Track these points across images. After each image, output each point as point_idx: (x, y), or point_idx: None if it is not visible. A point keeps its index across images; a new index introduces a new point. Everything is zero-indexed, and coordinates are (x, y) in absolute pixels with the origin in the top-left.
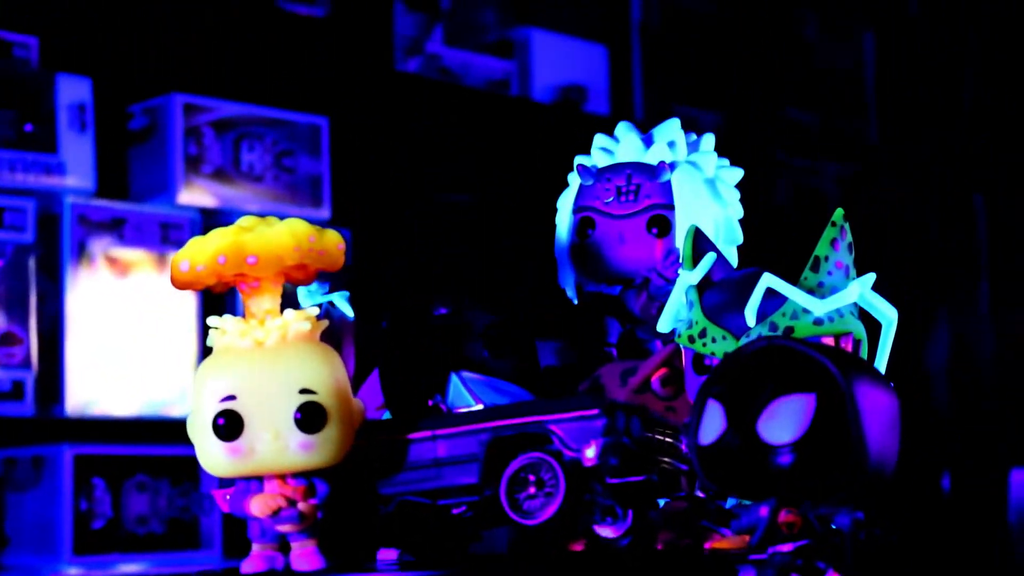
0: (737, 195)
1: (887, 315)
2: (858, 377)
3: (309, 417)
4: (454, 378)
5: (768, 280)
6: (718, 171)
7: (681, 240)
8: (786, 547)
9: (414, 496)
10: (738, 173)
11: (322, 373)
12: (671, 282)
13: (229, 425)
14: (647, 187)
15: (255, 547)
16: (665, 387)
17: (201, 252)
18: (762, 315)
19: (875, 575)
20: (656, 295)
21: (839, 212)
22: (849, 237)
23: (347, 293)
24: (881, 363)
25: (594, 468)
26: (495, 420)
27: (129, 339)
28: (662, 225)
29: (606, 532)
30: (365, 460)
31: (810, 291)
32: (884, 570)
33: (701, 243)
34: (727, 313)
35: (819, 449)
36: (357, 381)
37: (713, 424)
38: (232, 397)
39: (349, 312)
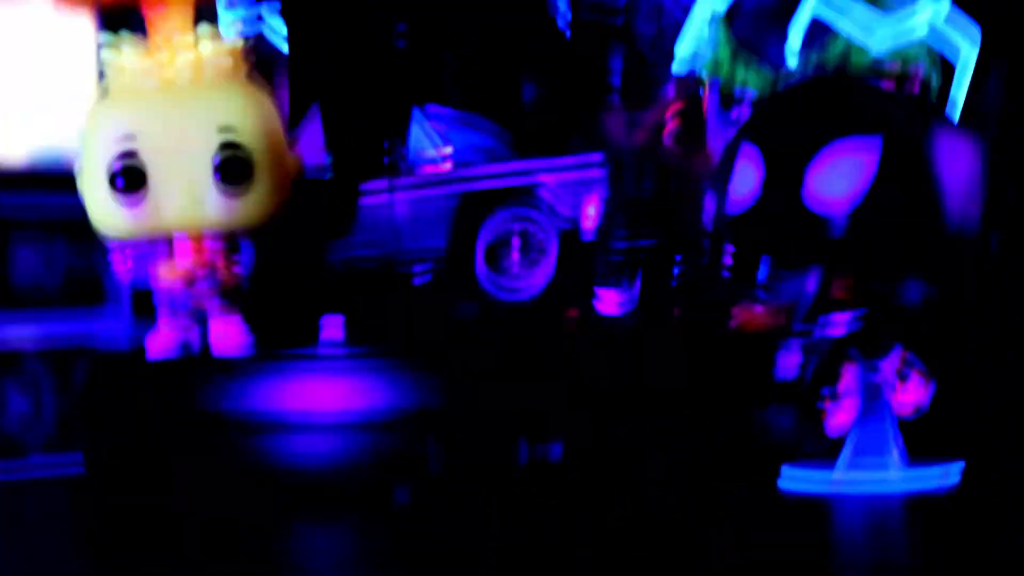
0: None
1: (965, 42)
2: (933, 119)
3: (231, 164)
4: (416, 115)
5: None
6: None
7: None
8: (838, 322)
9: (365, 262)
10: None
11: (246, 112)
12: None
13: (128, 175)
14: None
15: (163, 321)
16: (680, 143)
17: None
18: (805, 52)
19: (953, 358)
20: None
21: None
22: None
23: (279, 4)
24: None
25: (596, 232)
26: (468, 171)
27: (15, 76)
28: None
29: (608, 300)
30: (303, 218)
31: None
32: (965, 353)
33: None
34: (761, 44)
35: (884, 210)
36: (293, 124)
37: (748, 176)
38: (131, 138)
39: (282, 35)
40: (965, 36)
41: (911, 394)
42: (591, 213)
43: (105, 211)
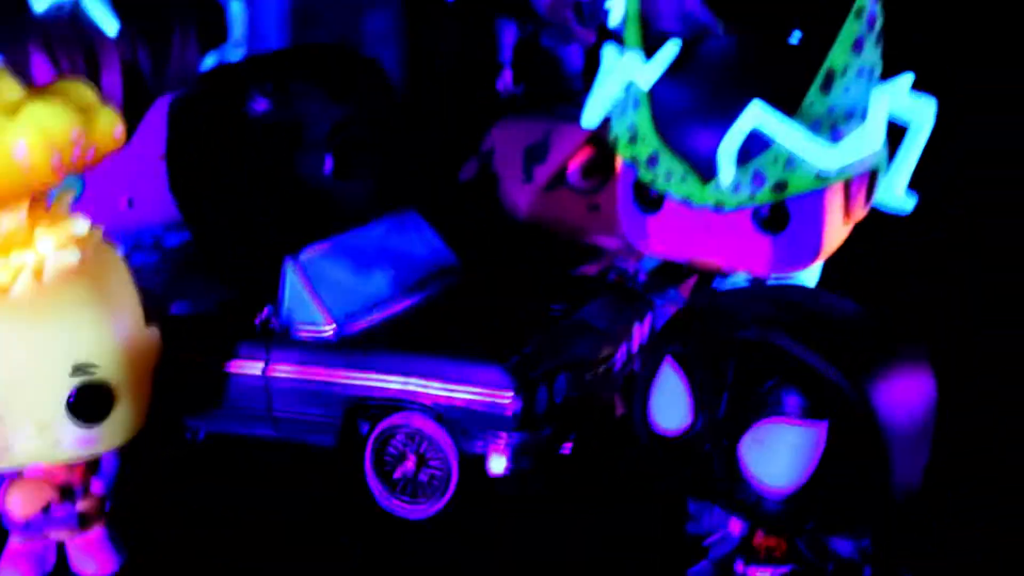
0: None
1: (921, 115)
2: (885, 383)
3: (88, 403)
4: (290, 271)
5: (756, 115)
6: None
7: None
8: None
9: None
10: None
11: (102, 337)
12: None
13: None
14: None
15: (15, 540)
16: (587, 177)
17: None
18: (744, 154)
19: None
20: None
21: None
22: (879, 20)
23: None
24: (903, 175)
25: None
26: (358, 377)
27: None
28: None
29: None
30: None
31: (817, 121)
32: None
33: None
34: (689, 128)
35: (826, 493)
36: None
37: (674, 406)
38: None
39: (109, 23)
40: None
41: None
42: (498, 470)
43: None
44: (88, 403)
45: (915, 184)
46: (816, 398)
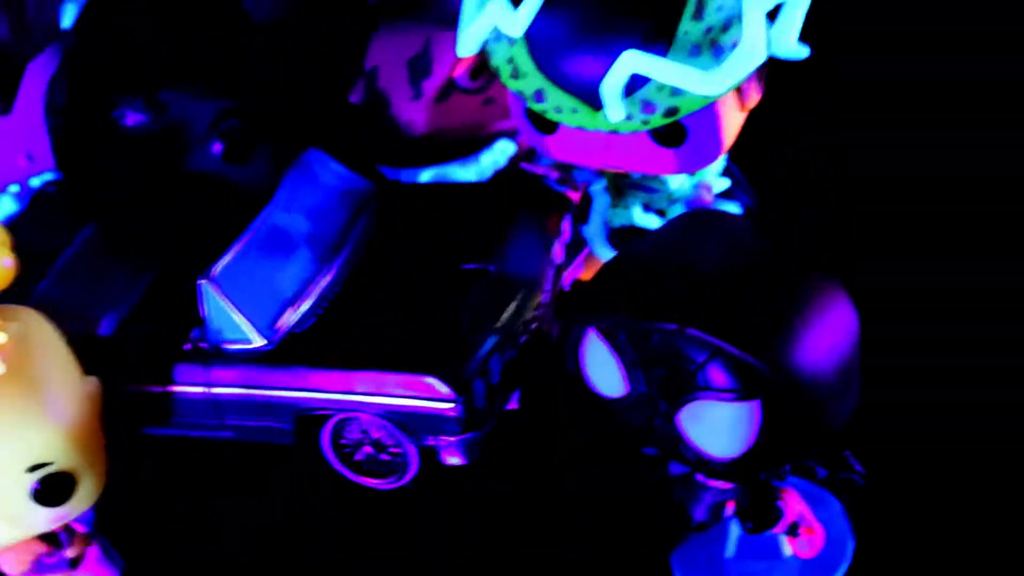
0: None
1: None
2: (813, 360)
3: (52, 491)
4: (207, 291)
5: (631, 62)
6: None
7: None
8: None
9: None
10: None
11: (48, 429)
12: None
13: None
14: None
15: None
16: (475, 78)
17: None
18: (629, 88)
19: None
20: None
21: None
22: None
23: None
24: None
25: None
26: (300, 393)
27: None
28: None
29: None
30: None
31: (695, 46)
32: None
33: None
34: (571, 62)
35: (769, 457)
36: None
37: (609, 374)
38: None
39: None
40: None
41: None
42: (454, 462)
43: None
44: (52, 491)
45: None
46: (743, 377)
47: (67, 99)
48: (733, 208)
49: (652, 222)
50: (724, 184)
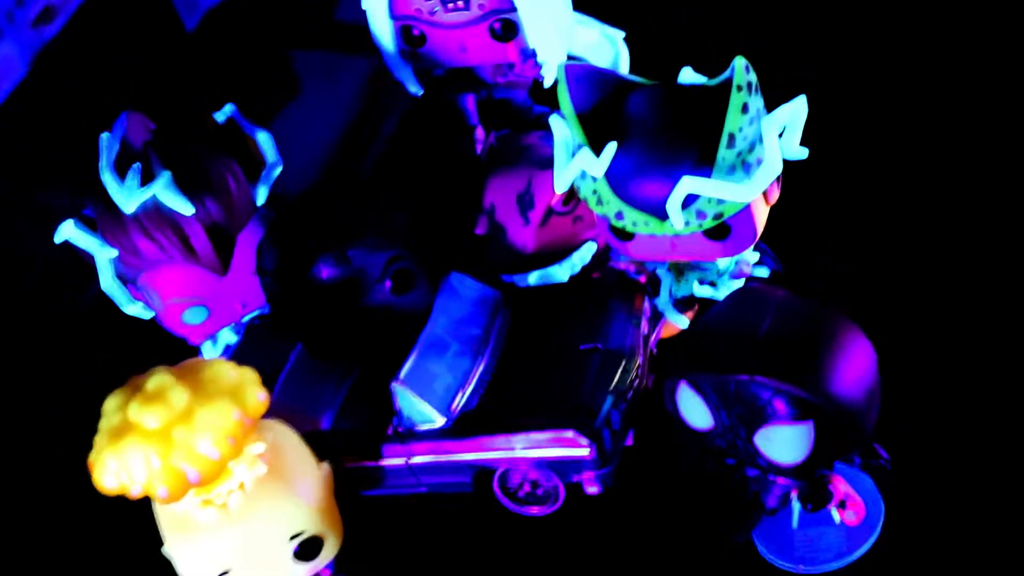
0: None
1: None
2: (848, 387)
3: (307, 551)
4: (399, 390)
5: (687, 186)
6: None
7: (533, 36)
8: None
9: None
10: None
11: (302, 509)
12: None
13: None
14: None
15: None
16: (566, 204)
17: (131, 485)
18: (686, 202)
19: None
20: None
21: (740, 66)
22: (754, 80)
23: (168, 175)
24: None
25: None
26: (476, 455)
27: None
28: (507, 28)
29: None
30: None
31: (731, 167)
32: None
33: (581, 84)
34: (640, 188)
35: (822, 458)
36: None
37: (699, 411)
38: (226, 573)
39: (184, 206)
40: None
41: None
42: (593, 491)
43: None
44: (307, 551)
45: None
46: (800, 407)
47: (273, 263)
48: (763, 272)
49: (707, 291)
50: (755, 256)
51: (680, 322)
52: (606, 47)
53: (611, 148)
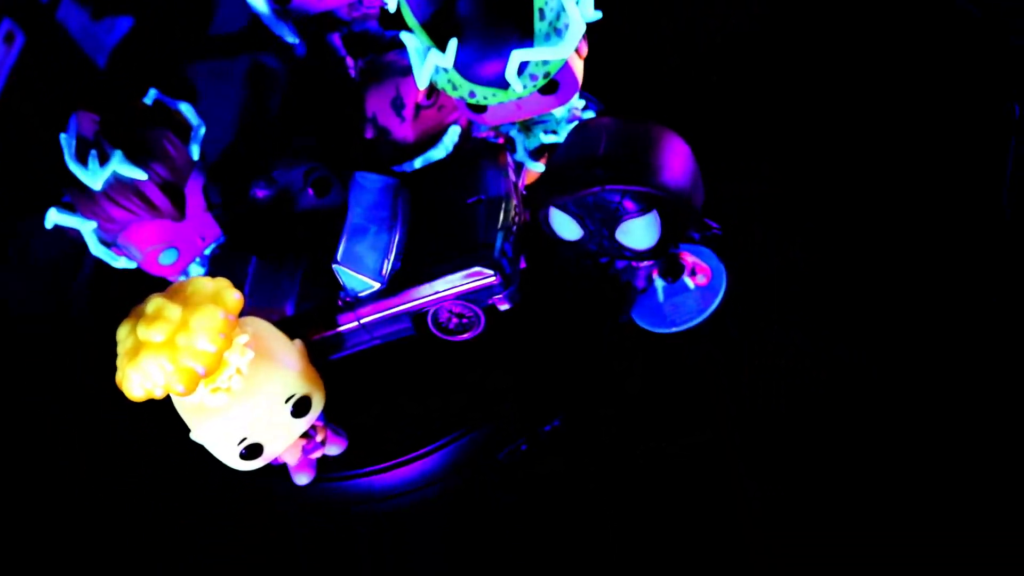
0: None
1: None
2: (676, 176)
3: (301, 408)
4: (339, 269)
5: (518, 55)
6: None
7: None
8: (646, 263)
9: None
10: None
11: (290, 376)
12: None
13: (252, 453)
14: None
15: (291, 462)
16: (430, 97)
17: (154, 389)
18: (520, 69)
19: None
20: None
21: None
22: None
23: (119, 153)
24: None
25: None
26: (410, 304)
27: None
28: None
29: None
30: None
31: (546, 35)
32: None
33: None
34: (481, 68)
35: (671, 237)
36: None
37: (570, 227)
38: (244, 439)
39: (138, 173)
40: None
41: (702, 278)
42: (504, 309)
43: (235, 463)
44: (301, 408)
45: None
46: (644, 200)
47: (219, 197)
48: (590, 114)
49: (551, 138)
50: (582, 103)
51: (537, 167)
52: None
53: (453, 44)
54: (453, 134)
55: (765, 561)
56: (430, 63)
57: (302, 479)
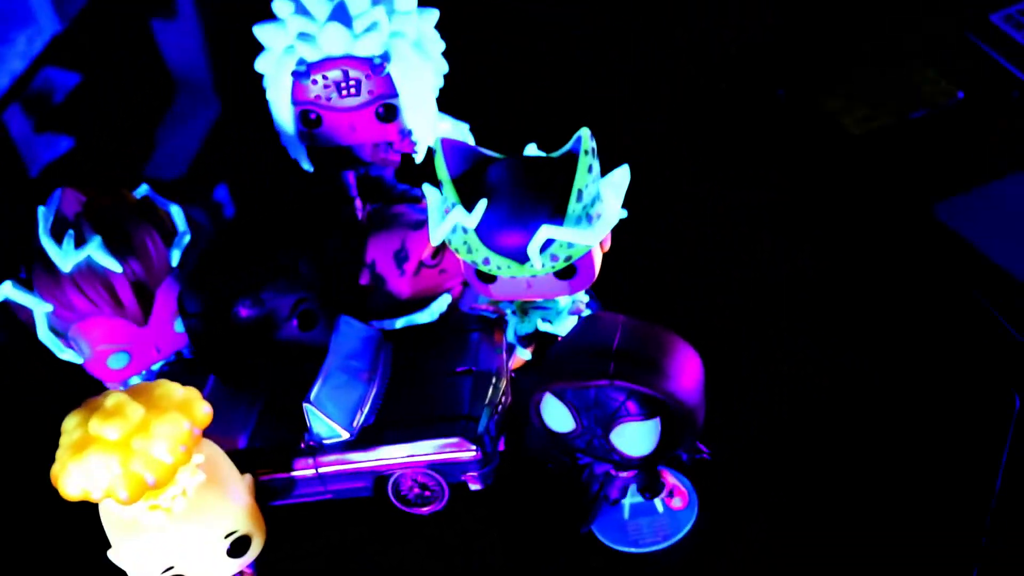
0: (441, 44)
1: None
2: (686, 388)
3: (238, 548)
4: (309, 409)
5: (546, 232)
6: (419, 26)
7: (410, 119)
8: (626, 475)
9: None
10: (434, 16)
11: (235, 510)
12: (409, 152)
13: None
14: (367, 81)
15: None
16: (434, 257)
17: (92, 490)
18: (543, 247)
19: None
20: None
21: (586, 135)
22: (595, 147)
23: (98, 239)
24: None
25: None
26: (377, 461)
27: None
28: (389, 111)
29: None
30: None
31: (579, 218)
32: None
33: (454, 155)
34: (503, 236)
35: (665, 450)
36: None
37: (563, 418)
38: (170, 568)
39: (112, 264)
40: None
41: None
42: (475, 488)
43: None
44: (238, 548)
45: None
46: (650, 405)
47: (197, 308)
48: (588, 312)
49: (548, 327)
50: (587, 297)
51: (524, 355)
52: (457, 134)
53: (482, 204)
54: (443, 302)
55: (768, 566)
56: (452, 219)
57: None
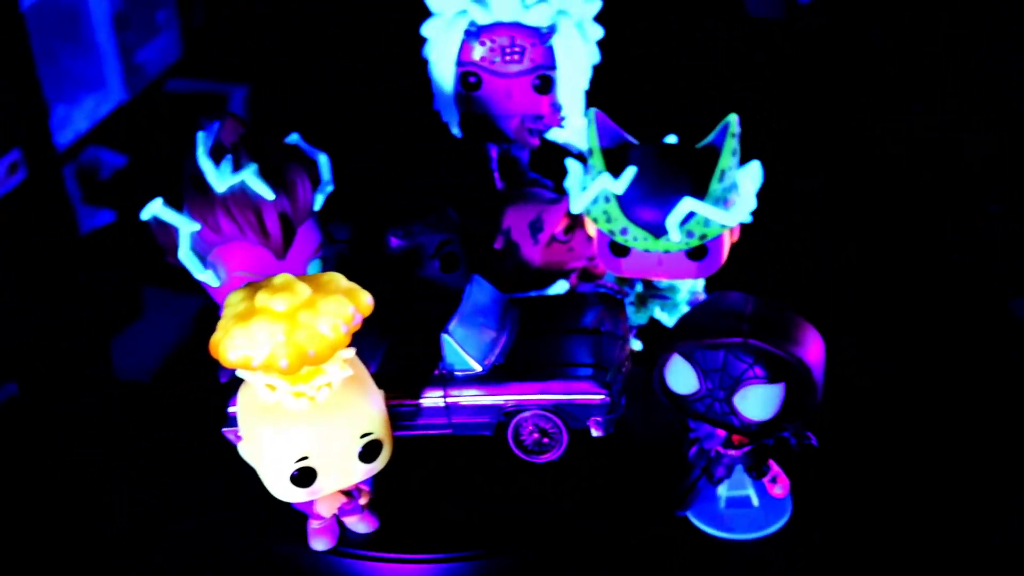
0: (599, 32)
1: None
2: (812, 359)
3: (370, 453)
4: (446, 339)
5: (689, 204)
6: (583, 10)
7: (563, 94)
8: (735, 453)
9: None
10: (597, 4)
11: (373, 414)
12: (556, 125)
13: (304, 478)
14: (531, 50)
15: (314, 523)
16: (567, 233)
17: (254, 356)
18: (681, 222)
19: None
20: (533, 126)
21: (734, 120)
22: (740, 133)
23: (255, 166)
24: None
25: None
26: (504, 398)
27: None
28: (545, 82)
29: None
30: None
31: (718, 200)
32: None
33: (605, 130)
34: (645, 210)
35: (784, 419)
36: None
37: (687, 379)
38: (305, 458)
39: (266, 192)
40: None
41: (779, 488)
42: (595, 434)
43: (281, 489)
44: (370, 452)
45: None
46: (775, 369)
47: (346, 234)
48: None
49: (663, 318)
50: (702, 294)
51: (636, 345)
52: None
53: (631, 171)
54: (560, 287)
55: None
56: (598, 185)
57: (319, 544)
